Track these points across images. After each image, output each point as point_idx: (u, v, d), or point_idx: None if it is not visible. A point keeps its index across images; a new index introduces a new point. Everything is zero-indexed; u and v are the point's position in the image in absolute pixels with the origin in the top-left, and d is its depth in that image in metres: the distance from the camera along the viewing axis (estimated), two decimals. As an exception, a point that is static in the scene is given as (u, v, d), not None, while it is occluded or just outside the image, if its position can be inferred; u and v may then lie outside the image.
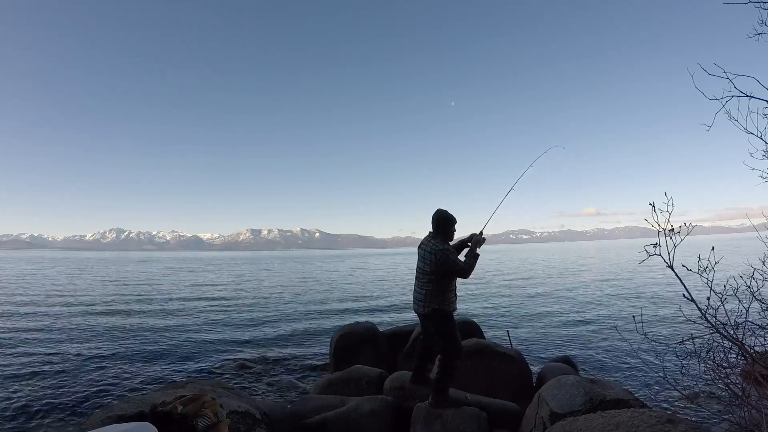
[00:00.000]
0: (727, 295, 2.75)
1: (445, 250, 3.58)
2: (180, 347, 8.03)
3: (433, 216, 3.80)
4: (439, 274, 3.59)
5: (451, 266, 3.55)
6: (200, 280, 26.95)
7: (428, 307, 3.64)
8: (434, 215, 3.79)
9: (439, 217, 3.76)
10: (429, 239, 3.72)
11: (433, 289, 3.62)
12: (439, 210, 3.79)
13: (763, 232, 3.03)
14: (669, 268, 2.55)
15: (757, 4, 2.71)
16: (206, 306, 14.12)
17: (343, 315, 11.96)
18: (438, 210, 3.79)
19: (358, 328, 6.23)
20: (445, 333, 3.67)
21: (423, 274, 3.68)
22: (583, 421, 2.81)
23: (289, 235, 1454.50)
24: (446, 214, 3.78)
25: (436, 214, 3.78)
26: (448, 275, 3.62)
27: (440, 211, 3.78)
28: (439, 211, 3.78)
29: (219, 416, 1.30)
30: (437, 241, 3.67)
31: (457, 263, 3.58)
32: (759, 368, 2.56)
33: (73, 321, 10.96)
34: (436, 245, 3.62)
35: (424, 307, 3.66)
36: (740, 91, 2.65)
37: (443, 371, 3.66)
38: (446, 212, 3.80)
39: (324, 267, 44.45)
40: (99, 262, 65.28)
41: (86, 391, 5.55)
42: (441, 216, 3.76)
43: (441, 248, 3.58)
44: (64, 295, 17.08)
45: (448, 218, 3.77)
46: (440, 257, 3.54)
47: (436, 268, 3.57)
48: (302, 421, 3.72)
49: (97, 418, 2.84)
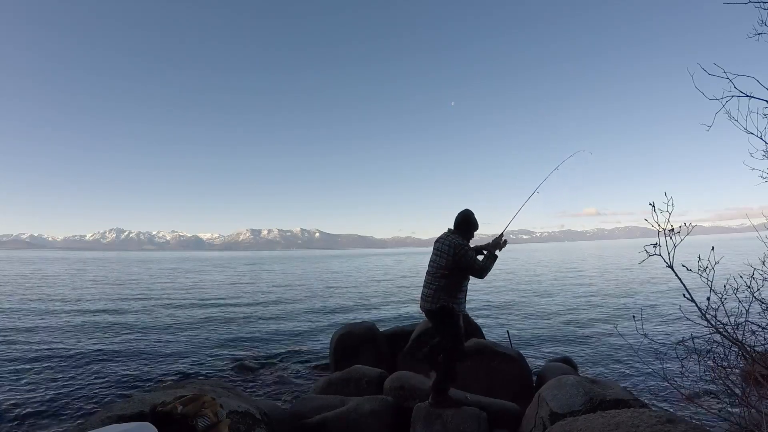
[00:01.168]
0: (727, 295, 2.75)
1: (466, 246, 3.60)
2: (180, 347, 8.03)
3: (459, 214, 3.81)
4: (454, 269, 3.56)
5: (469, 262, 3.54)
6: (200, 280, 26.95)
7: (436, 303, 3.58)
8: (460, 213, 3.81)
9: (465, 216, 3.78)
10: (448, 234, 3.72)
11: (445, 284, 3.59)
12: (467, 210, 3.82)
13: (763, 232, 3.03)
14: (669, 268, 2.55)
15: (757, 4, 2.70)
16: (206, 306, 14.11)
17: (343, 315, 11.96)
18: (466, 209, 3.81)
19: (358, 328, 6.23)
20: (450, 332, 3.62)
21: (437, 268, 3.62)
22: (583, 421, 2.81)
23: (289, 235, 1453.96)
24: (472, 217, 3.80)
25: (464, 212, 3.80)
26: (462, 272, 3.60)
27: (467, 211, 3.81)
28: (467, 211, 3.81)
29: (219, 416, 1.30)
30: (457, 236, 3.68)
31: (475, 261, 3.58)
32: (759, 368, 2.56)
33: (72, 321, 10.96)
34: (456, 239, 3.63)
35: (432, 302, 3.59)
36: (740, 91, 2.65)
37: (444, 372, 3.64)
38: (473, 215, 3.82)
39: (324, 267, 44.44)
40: (99, 262, 65.27)
41: (86, 391, 5.55)
42: (466, 216, 3.78)
43: (461, 242, 3.60)
44: (63, 295, 17.08)
45: (472, 221, 3.79)
46: (459, 251, 3.54)
47: (453, 262, 3.55)
48: (302, 421, 3.72)
49: (97, 418, 2.84)
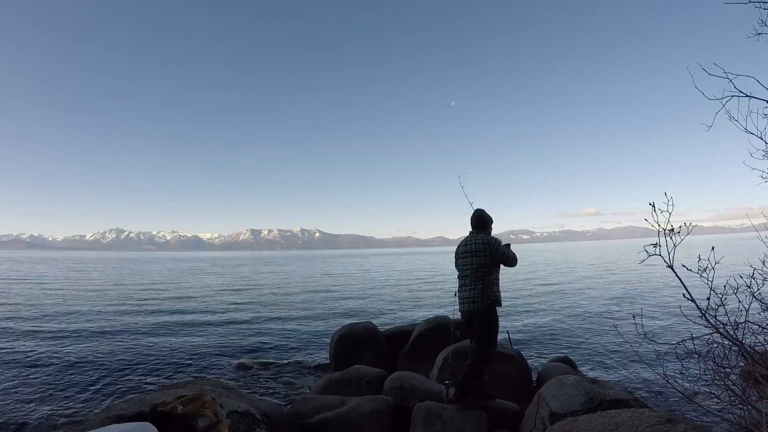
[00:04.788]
0: (727, 295, 2.75)
1: (498, 239, 3.72)
2: (180, 347, 8.02)
3: (473, 215, 3.90)
4: (492, 264, 3.67)
5: (505, 253, 3.67)
6: (199, 280, 26.94)
7: (486, 301, 3.62)
8: (475, 214, 3.88)
9: (479, 215, 3.88)
10: (475, 235, 3.81)
11: (489, 282, 3.66)
12: (477, 209, 3.91)
13: (763, 232, 3.03)
14: (669, 268, 2.55)
15: (757, 4, 2.70)
16: (206, 306, 14.11)
17: (343, 315, 11.96)
18: (476, 209, 3.90)
19: (358, 328, 6.22)
20: (492, 333, 3.69)
21: (476, 269, 3.66)
22: (583, 421, 2.81)
23: (289, 235, 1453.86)
24: (485, 213, 3.90)
25: (476, 212, 3.88)
26: (497, 266, 3.73)
27: (478, 210, 3.90)
28: (478, 210, 3.90)
29: (219, 416, 1.30)
30: (485, 234, 3.79)
31: (509, 250, 3.72)
32: (759, 368, 2.56)
33: (71, 321, 10.95)
34: (487, 236, 3.75)
35: (482, 301, 3.61)
36: (740, 91, 2.65)
37: (473, 371, 3.65)
38: (484, 211, 3.92)
39: (324, 267, 44.44)
40: (99, 262, 65.27)
41: (86, 391, 5.55)
42: (480, 214, 3.88)
43: (494, 238, 3.74)
44: (62, 295, 17.07)
45: (486, 216, 3.90)
46: (495, 243, 3.67)
47: (491, 257, 3.64)
48: (302, 421, 3.72)
49: (97, 418, 2.84)
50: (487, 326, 3.70)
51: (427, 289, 18.87)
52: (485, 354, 3.67)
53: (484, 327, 3.70)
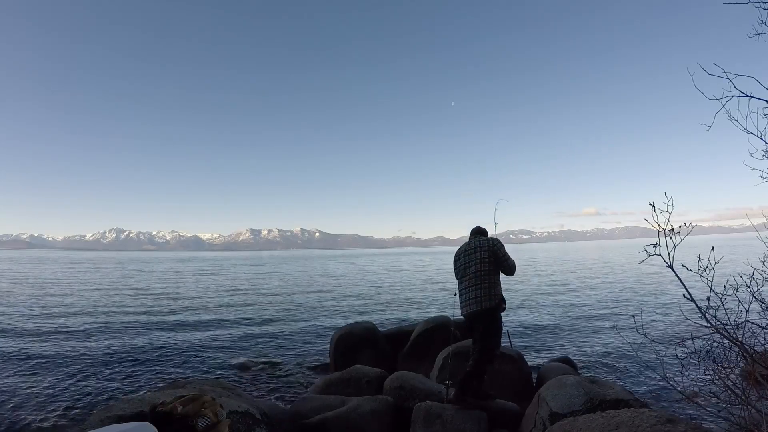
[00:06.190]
0: (727, 295, 2.75)
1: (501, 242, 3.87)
2: (180, 347, 8.02)
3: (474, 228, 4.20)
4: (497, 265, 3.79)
5: (507, 256, 3.81)
6: (199, 280, 26.94)
7: (494, 300, 3.69)
8: (476, 227, 4.20)
9: (479, 227, 4.19)
10: (477, 238, 3.98)
11: (495, 281, 3.76)
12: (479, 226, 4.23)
13: (763, 232, 3.03)
14: (669, 268, 2.55)
15: (757, 4, 2.71)
16: (205, 306, 14.11)
17: (343, 315, 11.96)
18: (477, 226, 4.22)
19: (358, 328, 6.22)
20: (496, 332, 3.74)
21: (482, 268, 3.75)
22: (583, 421, 2.81)
23: (289, 235, 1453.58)
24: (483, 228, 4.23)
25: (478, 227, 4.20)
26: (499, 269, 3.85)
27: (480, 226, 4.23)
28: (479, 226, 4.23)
29: (219, 416, 1.30)
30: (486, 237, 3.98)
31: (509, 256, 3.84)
32: (759, 368, 2.56)
33: (71, 321, 10.95)
34: (489, 238, 3.92)
35: (489, 300, 3.68)
36: (740, 91, 2.65)
37: (475, 371, 3.68)
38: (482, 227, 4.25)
39: (324, 267, 44.43)
40: (98, 262, 65.27)
41: (86, 391, 5.55)
42: (480, 227, 4.20)
43: (496, 239, 3.88)
44: (62, 295, 17.07)
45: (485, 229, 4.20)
46: (498, 245, 3.81)
47: (496, 256, 3.77)
48: (302, 421, 3.72)
49: (97, 418, 2.84)
50: (492, 326, 3.72)
51: (427, 289, 18.87)
52: (488, 354, 3.67)
53: (489, 326, 3.72)
